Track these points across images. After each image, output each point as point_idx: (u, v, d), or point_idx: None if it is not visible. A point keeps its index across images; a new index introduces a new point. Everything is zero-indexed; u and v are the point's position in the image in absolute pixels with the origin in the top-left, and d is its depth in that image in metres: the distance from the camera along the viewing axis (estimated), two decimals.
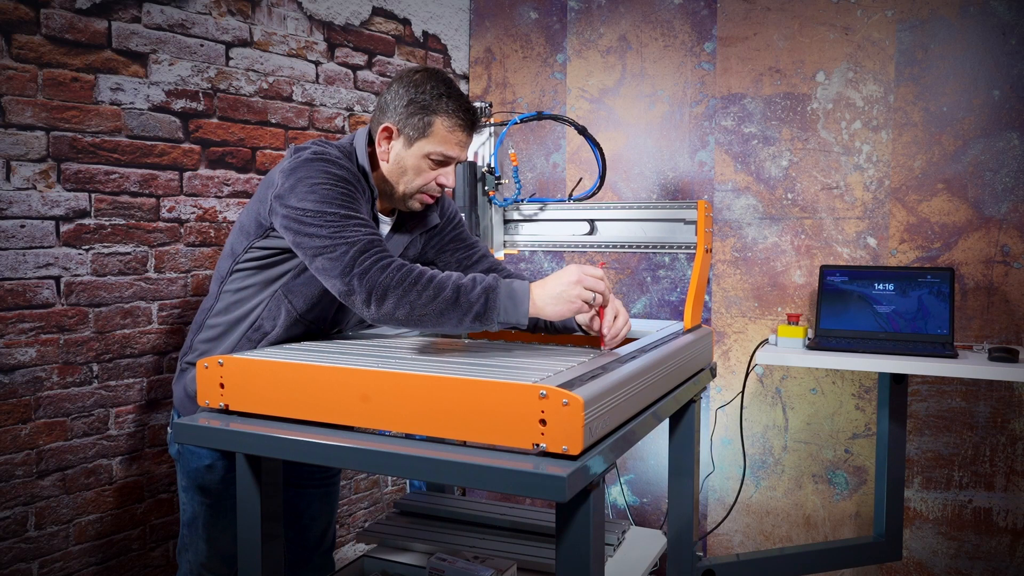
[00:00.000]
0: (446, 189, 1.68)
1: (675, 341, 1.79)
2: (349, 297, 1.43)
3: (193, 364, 1.71)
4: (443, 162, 1.61)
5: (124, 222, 2.04)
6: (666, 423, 2.03)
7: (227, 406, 1.42)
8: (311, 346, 1.61)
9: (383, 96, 1.62)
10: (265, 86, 2.40)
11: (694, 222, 2.05)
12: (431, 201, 1.67)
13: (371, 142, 1.66)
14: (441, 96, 1.57)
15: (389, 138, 1.60)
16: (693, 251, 2.05)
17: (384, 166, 1.62)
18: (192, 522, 1.75)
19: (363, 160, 1.61)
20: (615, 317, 1.54)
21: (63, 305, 1.93)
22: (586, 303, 1.43)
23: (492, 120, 2.19)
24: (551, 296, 1.41)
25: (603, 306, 1.50)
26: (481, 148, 2.18)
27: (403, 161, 1.60)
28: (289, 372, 1.36)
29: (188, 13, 2.17)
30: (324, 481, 1.96)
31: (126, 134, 2.03)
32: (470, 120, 1.60)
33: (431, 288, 1.40)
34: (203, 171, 2.23)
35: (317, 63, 2.57)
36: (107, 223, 2.00)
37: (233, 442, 1.36)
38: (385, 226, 1.71)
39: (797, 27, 2.67)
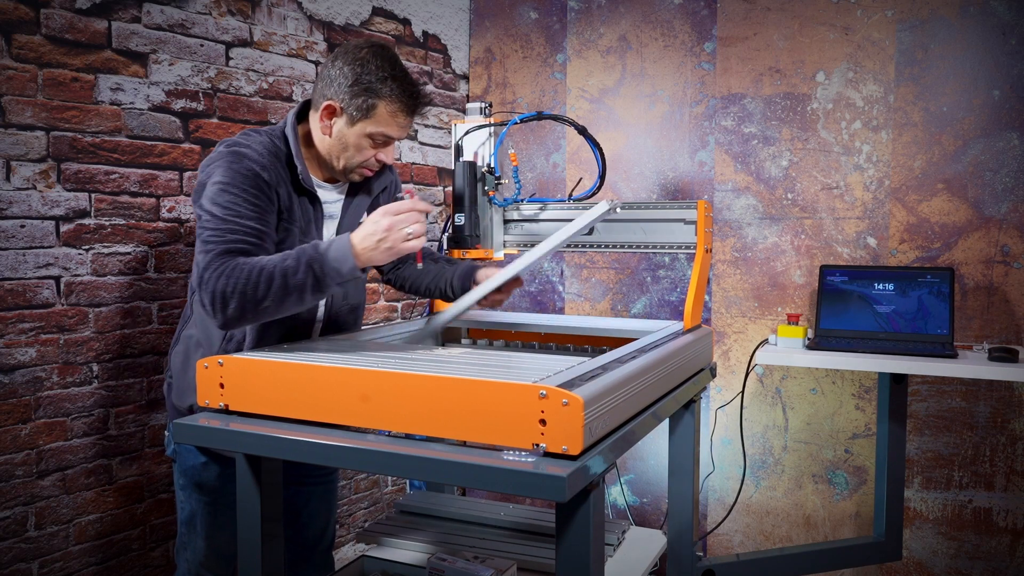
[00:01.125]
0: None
1: (675, 341, 1.79)
2: (204, 307, 1.47)
3: (171, 380, 1.73)
4: (384, 142, 1.65)
5: (124, 222, 2.04)
6: (666, 423, 2.03)
7: (227, 406, 1.42)
8: (311, 346, 1.61)
9: (327, 69, 1.62)
10: (265, 86, 2.40)
11: (694, 222, 2.05)
12: (371, 174, 1.71)
13: (304, 113, 1.68)
14: (385, 79, 1.58)
15: (332, 115, 1.61)
16: (693, 251, 2.05)
17: (326, 140, 1.64)
18: (190, 521, 1.75)
19: (293, 139, 1.62)
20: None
21: (63, 305, 1.93)
22: (409, 236, 1.45)
23: (492, 120, 2.19)
24: (369, 245, 1.43)
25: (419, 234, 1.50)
26: (481, 148, 2.18)
27: (345, 138, 1.62)
28: (289, 372, 1.36)
29: (188, 13, 2.17)
30: (322, 479, 1.96)
31: (126, 134, 2.03)
32: (413, 104, 1.62)
33: (261, 283, 1.43)
34: None
35: (317, 63, 2.57)
36: (107, 223, 2.00)
37: (233, 442, 1.36)
38: (328, 191, 1.72)
39: (797, 27, 2.67)
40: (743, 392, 2.58)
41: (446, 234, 2.25)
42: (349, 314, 1.83)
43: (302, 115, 1.70)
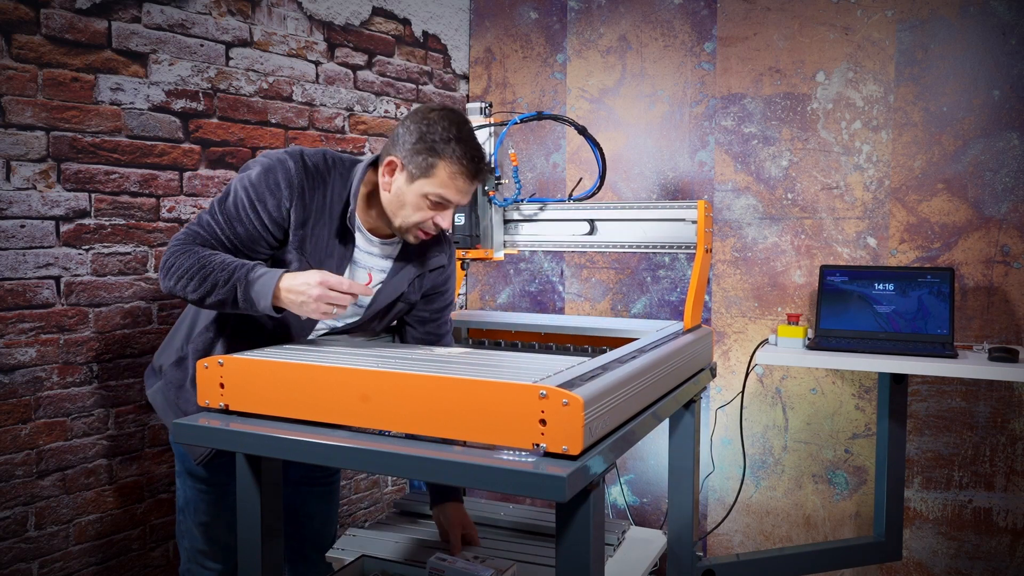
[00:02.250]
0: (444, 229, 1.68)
1: (675, 341, 1.79)
2: (160, 274, 1.57)
3: (157, 371, 1.75)
4: (441, 204, 1.61)
5: (124, 222, 2.04)
6: (666, 423, 2.03)
7: (227, 406, 1.42)
8: (311, 346, 1.61)
9: (397, 128, 1.62)
10: (265, 86, 2.40)
11: (694, 222, 2.05)
12: (427, 237, 1.67)
13: (375, 165, 1.67)
14: (450, 140, 1.56)
15: (392, 171, 1.61)
16: (693, 251, 2.05)
17: (385, 196, 1.63)
18: (184, 507, 1.78)
19: (358, 178, 1.62)
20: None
21: (63, 305, 1.93)
22: (329, 311, 1.49)
23: (492, 120, 2.19)
24: (292, 299, 1.48)
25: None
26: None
27: (403, 196, 1.60)
28: (289, 372, 1.36)
29: (188, 13, 2.17)
30: (322, 481, 1.96)
31: (126, 134, 2.03)
32: (474, 169, 1.59)
33: (195, 279, 1.51)
34: (203, 171, 2.23)
35: (317, 63, 2.57)
36: (107, 223, 2.00)
37: (233, 442, 1.36)
38: (374, 244, 1.71)
39: (797, 27, 2.67)
40: (743, 392, 2.58)
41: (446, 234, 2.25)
42: None
43: (375, 167, 1.68)
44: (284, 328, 1.65)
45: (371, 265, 1.71)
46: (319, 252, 1.62)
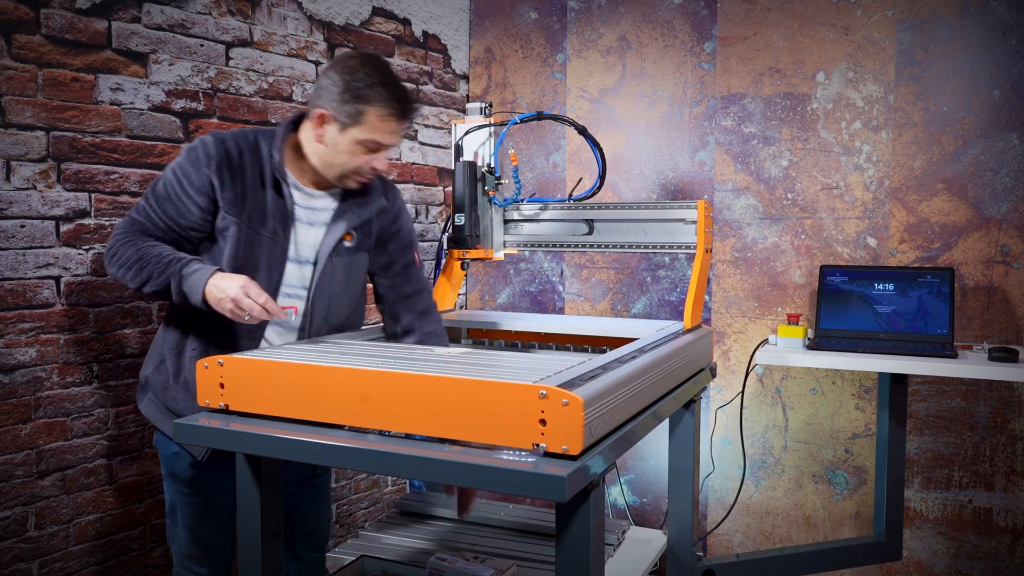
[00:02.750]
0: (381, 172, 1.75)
1: (675, 341, 1.79)
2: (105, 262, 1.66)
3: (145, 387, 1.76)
4: (375, 148, 1.67)
5: None
6: (666, 423, 2.03)
7: (227, 406, 1.42)
8: (311, 346, 1.61)
9: (320, 79, 1.67)
10: (265, 86, 2.40)
11: (694, 222, 2.05)
12: (366, 180, 1.73)
13: (298, 124, 1.73)
14: (374, 85, 1.61)
15: (323, 123, 1.65)
16: (693, 251, 2.05)
17: (319, 148, 1.67)
18: (172, 511, 1.78)
19: (280, 137, 1.69)
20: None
21: (63, 305, 1.93)
22: (241, 316, 1.55)
23: (492, 120, 2.19)
24: (215, 297, 1.55)
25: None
26: (481, 148, 2.18)
27: (337, 146, 1.65)
28: (289, 372, 1.36)
29: (188, 13, 2.17)
30: (312, 481, 1.94)
31: (126, 134, 2.03)
32: (402, 110, 1.65)
33: (133, 268, 1.60)
34: None
35: (317, 63, 2.57)
36: (107, 223, 2.00)
37: (233, 442, 1.36)
38: (319, 199, 1.75)
39: (797, 27, 2.67)
40: (743, 392, 2.58)
41: (446, 234, 2.25)
42: (329, 334, 1.82)
43: (297, 126, 1.74)
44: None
45: (313, 220, 1.74)
46: (258, 212, 1.67)
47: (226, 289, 1.53)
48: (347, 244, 1.77)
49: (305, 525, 1.94)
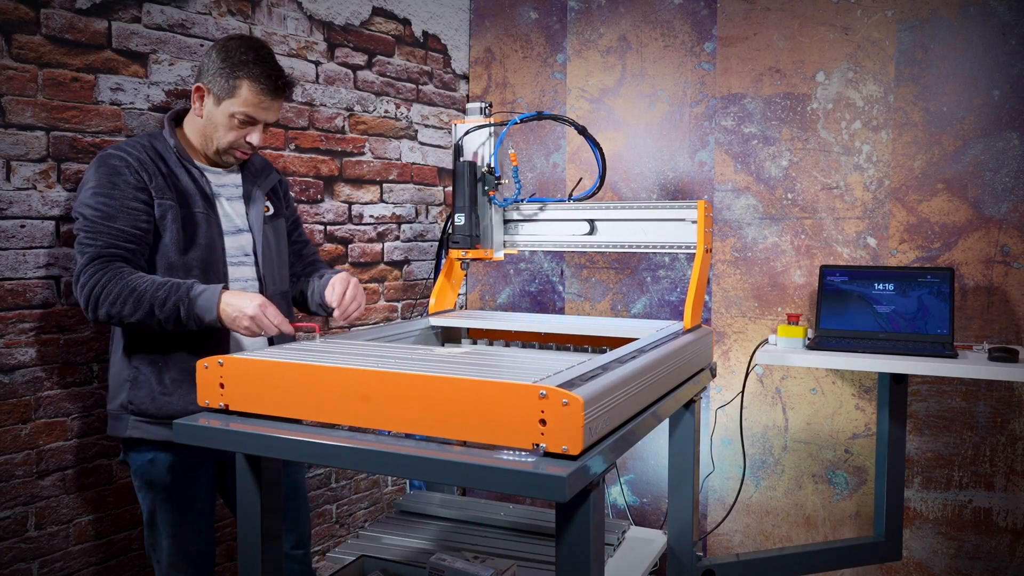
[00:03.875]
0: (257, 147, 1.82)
1: (675, 341, 1.79)
2: (82, 308, 1.63)
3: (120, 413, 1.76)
4: (249, 122, 1.75)
5: None
6: (666, 423, 2.03)
7: (227, 406, 1.42)
8: (311, 346, 1.61)
9: (202, 60, 1.76)
10: None
11: (694, 222, 2.05)
12: (244, 157, 1.82)
13: (182, 116, 1.83)
14: (247, 61, 1.71)
15: (201, 97, 1.75)
16: (693, 251, 2.05)
17: (198, 122, 1.78)
18: (151, 521, 1.78)
19: (165, 132, 1.77)
20: (344, 292, 1.79)
21: (63, 305, 1.93)
22: (256, 333, 1.61)
23: (492, 120, 2.19)
24: (232, 314, 1.60)
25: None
26: (481, 148, 2.18)
27: (213, 118, 1.75)
28: (289, 372, 1.36)
29: (188, 13, 2.17)
30: (285, 478, 1.93)
31: (126, 134, 2.03)
32: (273, 85, 1.74)
33: (130, 302, 1.59)
34: None
35: (317, 63, 2.57)
36: None
37: (233, 442, 1.36)
38: (224, 176, 1.84)
39: (797, 27, 2.67)
40: (743, 392, 2.58)
41: (446, 234, 2.25)
42: (281, 300, 1.90)
43: (179, 120, 1.84)
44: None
45: (229, 195, 1.84)
46: (184, 193, 1.73)
47: (243, 308, 1.59)
48: (267, 214, 1.90)
49: (287, 523, 1.93)
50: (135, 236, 1.67)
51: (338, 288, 1.78)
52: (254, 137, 1.77)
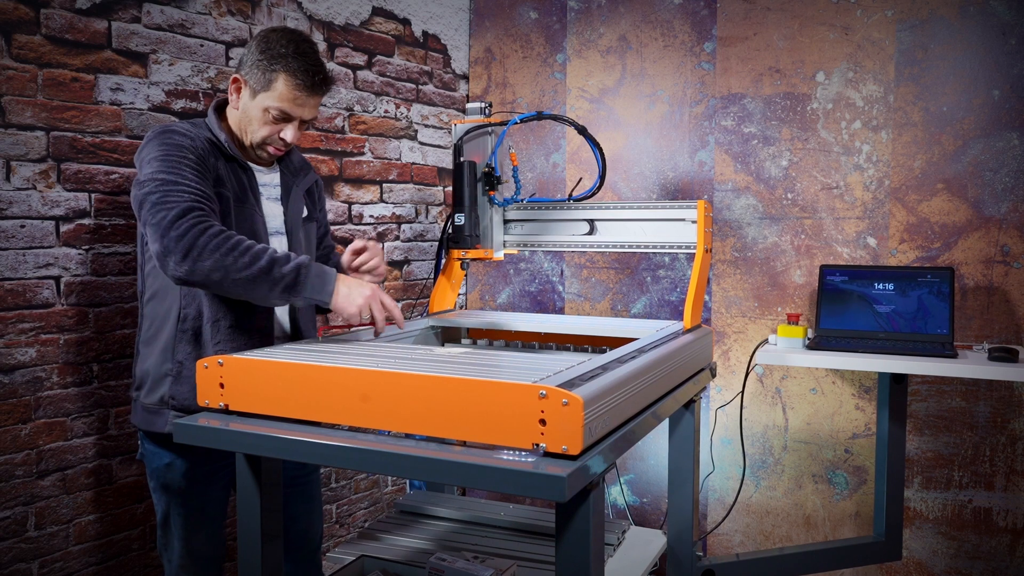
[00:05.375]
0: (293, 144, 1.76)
1: (675, 341, 1.79)
2: (165, 257, 1.49)
3: (137, 397, 1.75)
4: (284, 118, 1.69)
5: (124, 222, 2.04)
6: (666, 423, 2.03)
7: (227, 406, 1.42)
8: (311, 346, 1.61)
9: (243, 50, 1.72)
10: None
11: (694, 222, 2.05)
12: (278, 153, 1.76)
13: (225, 106, 1.77)
14: (287, 55, 1.65)
15: (239, 89, 1.70)
16: (693, 251, 2.05)
17: (234, 115, 1.73)
18: (164, 522, 1.77)
19: (213, 123, 1.71)
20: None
21: (63, 305, 1.93)
22: (364, 311, 1.60)
23: (492, 120, 2.19)
24: (346, 294, 1.58)
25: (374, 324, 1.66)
26: (481, 148, 2.18)
27: (248, 111, 1.70)
28: (289, 372, 1.36)
29: (188, 13, 2.17)
30: (301, 480, 1.94)
31: (126, 134, 2.03)
32: (310, 81, 1.67)
33: (247, 255, 1.51)
34: None
35: None
36: (107, 223, 2.00)
37: (233, 442, 1.36)
38: (266, 175, 1.80)
39: (797, 27, 2.67)
40: (743, 392, 2.58)
41: (446, 234, 2.25)
42: (307, 307, 1.86)
43: (222, 110, 1.79)
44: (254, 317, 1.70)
45: (269, 194, 1.80)
46: (237, 186, 1.70)
47: (361, 291, 1.58)
48: (303, 216, 1.87)
49: (297, 525, 1.93)
50: (211, 197, 1.59)
51: (348, 252, 1.76)
52: (288, 133, 1.71)
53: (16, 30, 1.80)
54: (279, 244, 1.78)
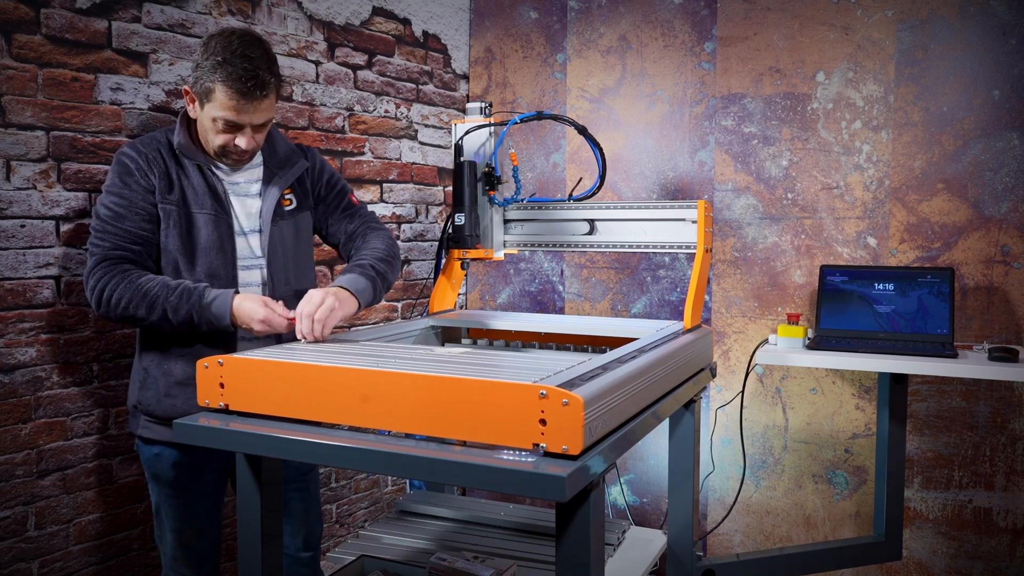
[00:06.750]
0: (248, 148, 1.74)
1: (675, 341, 1.79)
2: (91, 306, 1.65)
3: (135, 410, 1.80)
4: (233, 126, 1.67)
5: None
6: (666, 423, 2.03)
7: (227, 406, 1.42)
8: (311, 346, 1.61)
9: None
10: None
11: (694, 222, 2.05)
12: (242, 158, 1.74)
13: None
14: (221, 63, 1.60)
15: (192, 100, 1.69)
16: (693, 251, 2.05)
17: (196, 123, 1.73)
18: (157, 512, 1.80)
19: (176, 127, 1.73)
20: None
21: (63, 305, 1.93)
22: (268, 332, 1.63)
23: (492, 120, 2.19)
24: (246, 315, 1.61)
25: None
26: (481, 148, 2.18)
27: (202, 121, 1.70)
28: (289, 372, 1.36)
29: (188, 13, 2.17)
30: (298, 478, 1.94)
31: (126, 134, 2.03)
32: (244, 88, 1.61)
33: (144, 305, 1.61)
34: None
35: (317, 63, 2.57)
36: None
37: (233, 442, 1.36)
38: (240, 174, 1.80)
39: (797, 27, 2.67)
40: (743, 392, 2.58)
41: (446, 234, 2.25)
42: (294, 299, 1.81)
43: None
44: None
45: (247, 191, 1.80)
46: (192, 193, 1.72)
47: (252, 313, 1.60)
48: (287, 208, 1.84)
49: (296, 524, 1.93)
50: (142, 237, 1.67)
51: (305, 307, 1.62)
52: (241, 141, 1.67)
53: (16, 30, 1.80)
54: (254, 243, 1.79)
